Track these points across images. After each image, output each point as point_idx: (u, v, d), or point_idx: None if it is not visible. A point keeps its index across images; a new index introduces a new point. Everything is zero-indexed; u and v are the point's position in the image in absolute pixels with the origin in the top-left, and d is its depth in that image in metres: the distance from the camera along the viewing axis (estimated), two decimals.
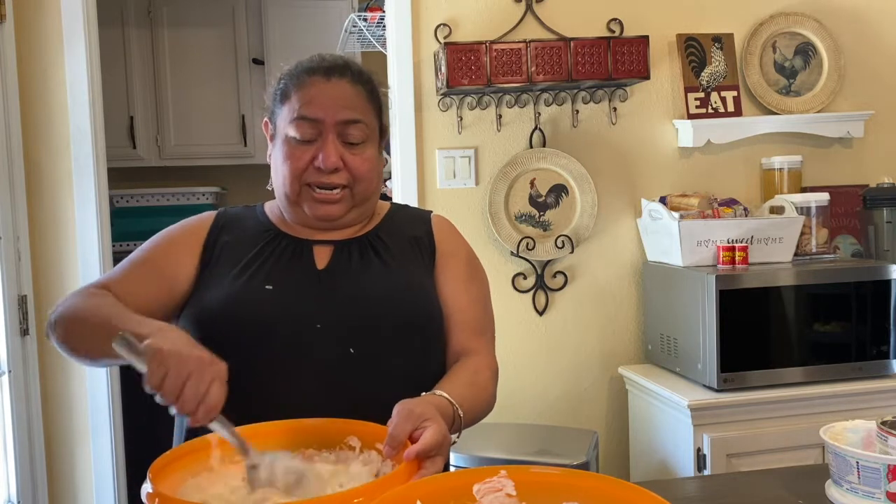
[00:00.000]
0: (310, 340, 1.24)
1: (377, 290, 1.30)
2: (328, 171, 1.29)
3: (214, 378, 1.00)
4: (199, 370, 0.99)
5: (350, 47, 3.19)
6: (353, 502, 0.86)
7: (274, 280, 1.29)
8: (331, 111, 1.29)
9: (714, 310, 2.17)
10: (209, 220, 1.39)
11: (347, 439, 1.09)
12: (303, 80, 1.32)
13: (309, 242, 1.35)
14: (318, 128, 1.29)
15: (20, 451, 2.30)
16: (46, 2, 2.36)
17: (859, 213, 2.56)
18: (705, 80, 2.57)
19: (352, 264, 1.33)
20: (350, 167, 1.31)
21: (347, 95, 1.32)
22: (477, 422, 1.27)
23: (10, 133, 2.30)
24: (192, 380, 0.98)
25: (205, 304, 1.29)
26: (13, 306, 2.31)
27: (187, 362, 0.99)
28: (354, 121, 1.31)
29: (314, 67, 1.33)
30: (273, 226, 1.38)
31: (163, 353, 0.99)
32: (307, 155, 1.30)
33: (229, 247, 1.34)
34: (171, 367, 0.98)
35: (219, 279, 1.30)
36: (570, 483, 0.93)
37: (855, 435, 1.19)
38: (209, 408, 0.99)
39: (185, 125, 3.95)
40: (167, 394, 0.98)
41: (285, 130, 1.32)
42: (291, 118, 1.30)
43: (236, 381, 1.07)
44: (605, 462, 2.58)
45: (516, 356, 2.54)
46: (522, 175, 2.53)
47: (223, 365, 1.03)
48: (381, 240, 1.37)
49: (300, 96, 1.30)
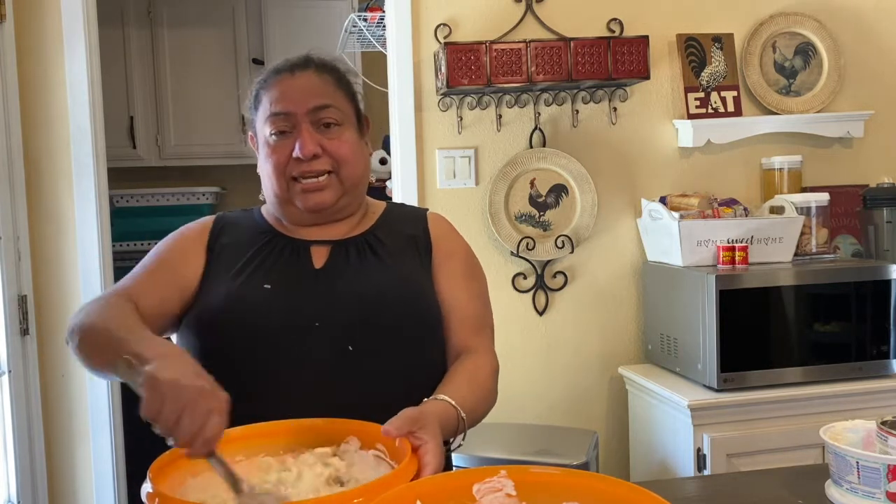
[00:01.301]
0: (308, 339, 1.24)
1: (375, 288, 1.30)
2: (308, 159, 1.30)
3: (213, 410, 0.96)
4: (195, 402, 0.95)
5: (350, 47, 3.19)
6: (353, 502, 0.86)
7: (272, 280, 1.29)
8: (300, 102, 1.31)
9: (714, 310, 2.17)
10: (208, 225, 1.41)
11: (347, 439, 1.09)
12: (270, 82, 1.35)
13: (306, 243, 1.36)
14: (292, 121, 1.31)
15: (20, 451, 2.30)
16: (46, 2, 2.36)
17: (859, 213, 2.56)
18: (705, 80, 2.57)
19: (349, 263, 1.33)
20: (329, 151, 1.32)
21: (314, 84, 1.34)
22: (480, 419, 1.28)
23: (10, 133, 2.30)
24: (187, 412, 0.94)
25: (204, 305, 1.30)
26: (13, 306, 2.31)
27: (184, 393, 0.95)
28: (324, 105, 1.32)
29: (279, 68, 1.36)
30: (270, 227, 1.39)
31: (159, 382, 0.96)
32: (286, 149, 1.31)
33: (228, 249, 1.36)
34: (168, 399, 0.94)
35: (218, 280, 1.31)
36: (570, 483, 0.93)
37: (855, 435, 1.19)
38: (205, 440, 0.95)
39: (185, 125, 3.95)
40: (162, 425, 0.94)
41: (262, 132, 1.34)
42: (265, 118, 1.33)
43: (236, 381, 1.06)
44: (605, 462, 2.58)
45: (516, 356, 2.54)
46: (522, 175, 2.53)
47: (224, 396, 0.99)
48: (377, 238, 1.38)
49: (269, 96, 1.34)
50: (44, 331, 2.40)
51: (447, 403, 1.16)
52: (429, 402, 1.16)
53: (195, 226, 1.41)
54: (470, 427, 1.21)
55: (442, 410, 1.13)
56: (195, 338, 1.29)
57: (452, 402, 1.16)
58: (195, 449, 0.95)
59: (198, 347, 1.28)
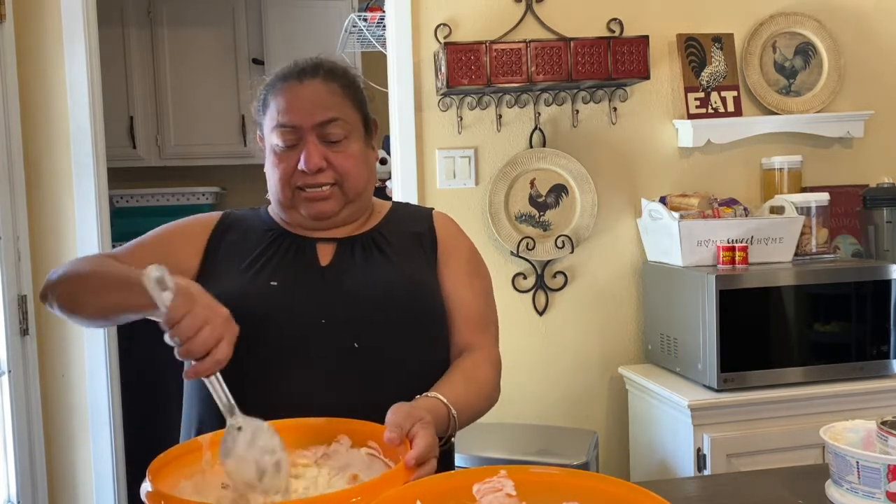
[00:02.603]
0: (314, 335, 1.25)
1: (380, 285, 1.31)
2: (313, 173, 1.31)
3: (228, 334, 1.02)
4: (217, 320, 1.02)
5: (350, 47, 3.20)
6: (351, 502, 0.86)
7: (279, 277, 1.31)
8: (306, 116, 1.31)
9: (714, 310, 2.17)
10: (215, 218, 1.42)
11: (338, 438, 1.09)
12: (277, 88, 1.35)
13: (312, 240, 1.37)
14: (298, 133, 1.32)
15: (20, 451, 2.30)
16: (46, 2, 2.36)
17: (859, 213, 2.56)
18: (705, 80, 2.57)
19: (355, 260, 1.34)
20: (334, 165, 1.33)
21: (321, 95, 1.33)
22: (480, 415, 1.29)
23: (10, 133, 2.30)
24: (209, 326, 1.00)
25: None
26: (13, 306, 2.31)
27: (210, 309, 1.02)
28: (331, 119, 1.32)
29: (287, 73, 1.36)
30: (277, 225, 1.40)
31: (192, 294, 1.02)
32: (292, 160, 1.32)
33: (234, 245, 1.37)
34: (195, 308, 1.00)
35: (224, 275, 1.32)
36: (570, 483, 0.93)
37: (855, 435, 1.19)
38: (216, 360, 1.00)
39: (185, 125, 3.95)
40: (182, 331, 0.99)
41: (270, 139, 1.35)
42: (272, 127, 1.34)
43: (242, 376, 1.07)
44: (605, 462, 2.58)
45: (516, 356, 2.54)
46: (522, 175, 2.53)
47: (236, 328, 1.05)
48: (383, 236, 1.39)
49: (277, 104, 1.34)
50: (44, 331, 2.40)
51: (437, 400, 1.16)
52: (420, 398, 1.16)
53: (202, 217, 1.44)
54: (466, 424, 1.22)
55: (432, 406, 1.14)
56: None
57: (444, 399, 1.17)
58: (204, 364, 1.00)
59: None
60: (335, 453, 1.08)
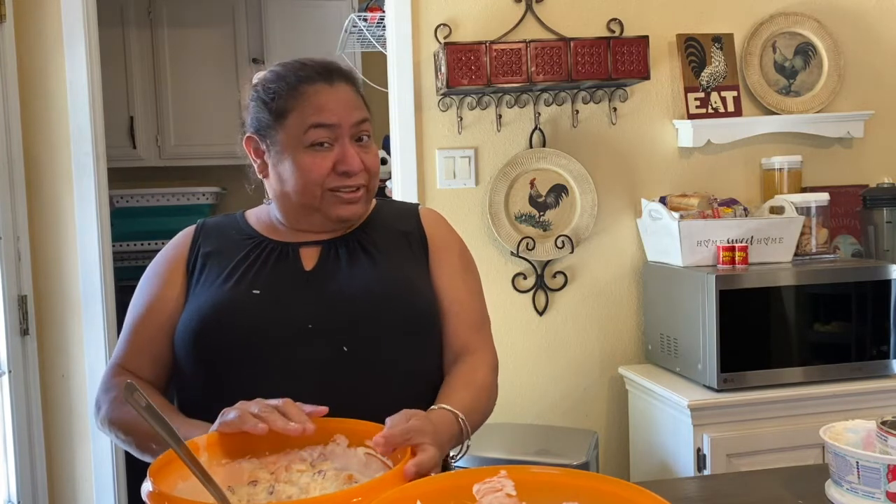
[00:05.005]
0: (302, 341, 1.23)
1: (366, 288, 1.29)
2: (356, 174, 1.30)
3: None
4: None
5: (350, 47, 3.20)
6: (351, 502, 0.86)
7: (261, 285, 1.28)
8: (345, 115, 1.30)
9: (714, 310, 2.17)
10: (189, 237, 1.39)
11: (334, 438, 1.09)
12: (303, 90, 1.30)
13: (295, 245, 1.34)
14: (336, 132, 1.29)
15: (20, 451, 2.30)
16: (46, 2, 2.36)
17: (859, 213, 2.56)
18: (705, 80, 2.57)
19: (340, 263, 1.32)
20: (367, 165, 1.32)
21: (351, 97, 1.33)
22: (484, 418, 1.29)
23: (10, 133, 2.30)
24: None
25: (193, 314, 1.28)
26: (13, 306, 2.31)
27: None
28: (364, 119, 1.33)
29: (309, 75, 1.32)
30: (256, 233, 1.37)
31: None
32: (328, 161, 1.29)
33: (212, 256, 1.34)
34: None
35: (205, 288, 1.30)
36: (570, 483, 0.93)
37: (855, 435, 1.19)
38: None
39: (185, 125, 3.95)
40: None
41: (298, 141, 1.30)
42: (305, 128, 1.29)
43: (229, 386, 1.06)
44: (605, 462, 2.58)
45: (516, 356, 2.54)
46: (522, 175, 2.53)
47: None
48: (368, 236, 1.37)
49: (309, 105, 1.29)
50: (44, 331, 2.40)
51: (447, 412, 1.16)
52: (428, 411, 1.16)
53: (172, 246, 1.40)
54: (474, 430, 1.22)
55: (440, 419, 1.14)
56: (186, 346, 1.28)
57: (452, 409, 1.17)
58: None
59: (189, 355, 1.27)
60: (332, 453, 1.07)
